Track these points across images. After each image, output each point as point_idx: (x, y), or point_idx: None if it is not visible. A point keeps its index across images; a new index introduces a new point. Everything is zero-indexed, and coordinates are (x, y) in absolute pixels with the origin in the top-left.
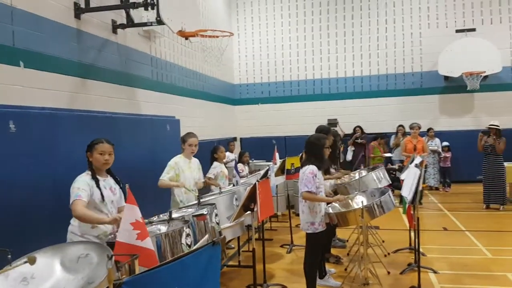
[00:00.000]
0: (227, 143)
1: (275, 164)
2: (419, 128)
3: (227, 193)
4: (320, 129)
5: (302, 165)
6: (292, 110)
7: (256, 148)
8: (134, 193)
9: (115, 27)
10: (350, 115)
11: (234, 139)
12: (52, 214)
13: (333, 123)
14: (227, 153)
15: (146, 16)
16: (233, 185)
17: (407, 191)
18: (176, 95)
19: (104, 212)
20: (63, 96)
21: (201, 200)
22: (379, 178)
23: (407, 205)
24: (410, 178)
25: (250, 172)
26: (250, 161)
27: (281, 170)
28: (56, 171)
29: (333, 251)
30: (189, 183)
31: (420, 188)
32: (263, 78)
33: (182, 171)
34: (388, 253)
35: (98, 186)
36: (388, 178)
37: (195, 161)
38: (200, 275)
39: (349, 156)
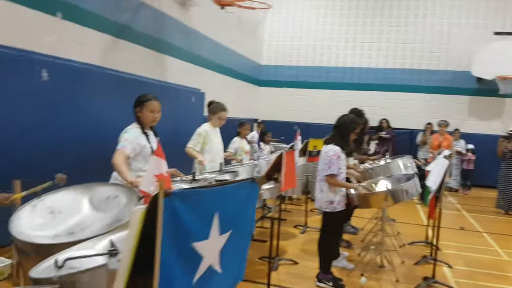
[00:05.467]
0: (254, 123)
1: (298, 141)
2: (447, 126)
3: (249, 164)
4: (354, 111)
5: (326, 142)
6: (318, 97)
7: (277, 133)
8: None
9: None
10: (377, 108)
11: (255, 120)
12: (72, 162)
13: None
14: (253, 133)
15: None
16: (254, 160)
17: (432, 181)
18: (203, 68)
19: None
20: (95, 52)
21: (223, 168)
22: (405, 165)
23: (430, 195)
24: (437, 168)
25: (271, 153)
26: (272, 141)
27: (303, 152)
28: (80, 124)
29: (344, 236)
30: (216, 151)
31: (446, 179)
32: (291, 61)
33: (210, 140)
34: (403, 244)
35: (148, 140)
36: (415, 168)
37: (219, 131)
38: (237, 207)
39: (371, 149)
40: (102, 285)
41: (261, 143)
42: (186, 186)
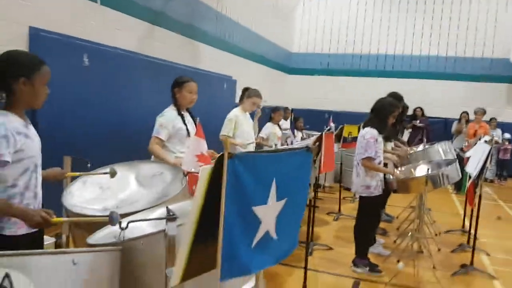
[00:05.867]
0: (284, 110)
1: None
2: (483, 113)
3: (283, 148)
4: (393, 95)
5: (364, 126)
6: (349, 85)
7: (308, 121)
8: None
9: None
10: (411, 96)
11: (286, 108)
12: (110, 143)
13: None
14: (281, 121)
15: None
16: (287, 145)
17: (472, 167)
18: (234, 55)
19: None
20: (133, 38)
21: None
22: (445, 150)
23: (469, 182)
24: (477, 154)
25: (303, 139)
26: (304, 129)
27: (337, 138)
28: (116, 108)
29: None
30: (247, 135)
31: (487, 165)
32: (323, 48)
33: (240, 124)
34: (439, 233)
35: (184, 122)
36: (454, 152)
37: (249, 115)
38: (292, 175)
39: (404, 138)
40: (161, 250)
41: (295, 130)
42: None
